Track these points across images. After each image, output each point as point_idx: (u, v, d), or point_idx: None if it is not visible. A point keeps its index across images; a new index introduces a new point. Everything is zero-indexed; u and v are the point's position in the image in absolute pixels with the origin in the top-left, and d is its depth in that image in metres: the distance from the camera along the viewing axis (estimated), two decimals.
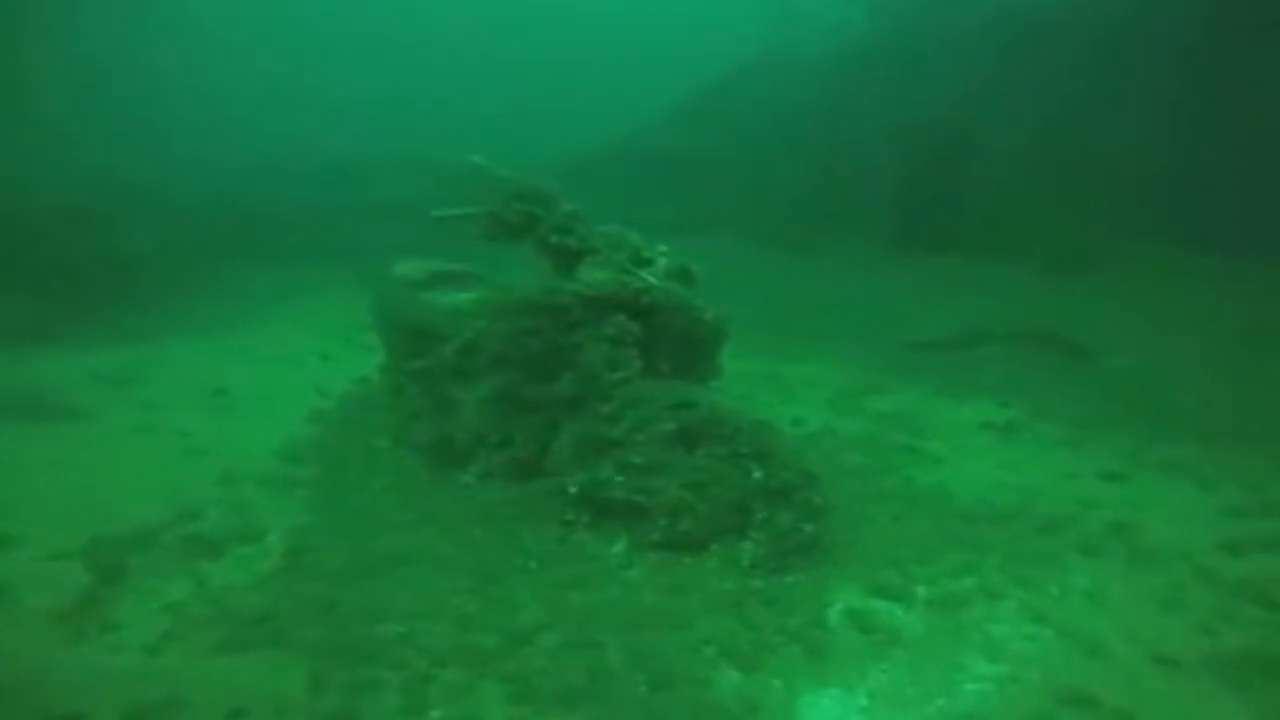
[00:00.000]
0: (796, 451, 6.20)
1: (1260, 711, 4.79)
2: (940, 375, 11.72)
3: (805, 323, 13.83)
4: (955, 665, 5.15)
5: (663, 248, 6.32)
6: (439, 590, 5.83)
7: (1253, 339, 11.33)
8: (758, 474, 5.98)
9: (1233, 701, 4.88)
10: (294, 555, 6.47)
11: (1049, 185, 13.89)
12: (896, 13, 18.27)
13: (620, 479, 6.06)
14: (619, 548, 6.09)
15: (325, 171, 23.04)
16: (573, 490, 6.23)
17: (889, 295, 14.78)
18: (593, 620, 5.44)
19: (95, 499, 7.45)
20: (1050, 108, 14.07)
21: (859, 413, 10.36)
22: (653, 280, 6.20)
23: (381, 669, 5.13)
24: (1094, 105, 13.57)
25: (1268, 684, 4.98)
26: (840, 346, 12.83)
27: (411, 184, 20.12)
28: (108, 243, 14.34)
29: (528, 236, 6.31)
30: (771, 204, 16.86)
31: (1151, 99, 13.51)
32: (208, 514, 7.20)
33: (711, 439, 6.11)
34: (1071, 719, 4.72)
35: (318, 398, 10.41)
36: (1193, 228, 12.62)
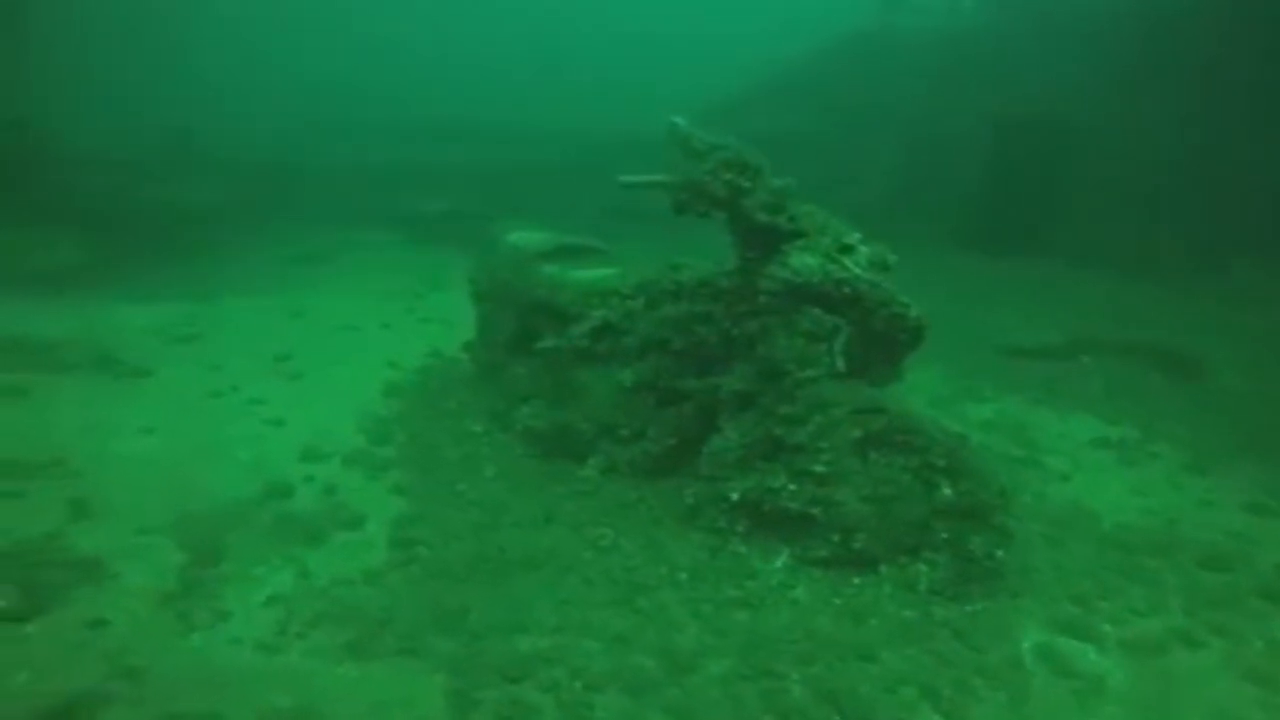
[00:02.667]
0: (993, 469, 5.58)
1: None
2: (1038, 385, 11.06)
3: None
4: None
5: (856, 234, 5.65)
6: (581, 600, 5.22)
7: None
8: (947, 491, 5.35)
9: None
10: (403, 548, 5.85)
11: (1161, 190, 13.14)
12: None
13: (793, 487, 5.44)
14: (780, 563, 5.47)
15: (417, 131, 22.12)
16: (734, 496, 5.60)
17: (981, 298, 14.10)
18: (763, 646, 4.83)
19: (178, 469, 6.84)
20: (1168, 107, 13.28)
21: (960, 419, 9.73)
22: (858, 270, 5.54)
23: (531, 691, 4.53)
24: (1218, 107, 12.79)
25: None
26: (930, 348, 12.16)
27: (484, 149, 19.38)
28: (157, 193, 13.63)
29: (728, 211, 5.62)
30: (860, 192, 16.14)
31: (1253, 104, 12.71)
32: (297, 493, 6.60)
33: (898, 449, 5.48)
34: None
35: (389, 369, 9.78)
36: None
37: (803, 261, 5.54)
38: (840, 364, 5.79)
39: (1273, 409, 10.20)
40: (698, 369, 6.19)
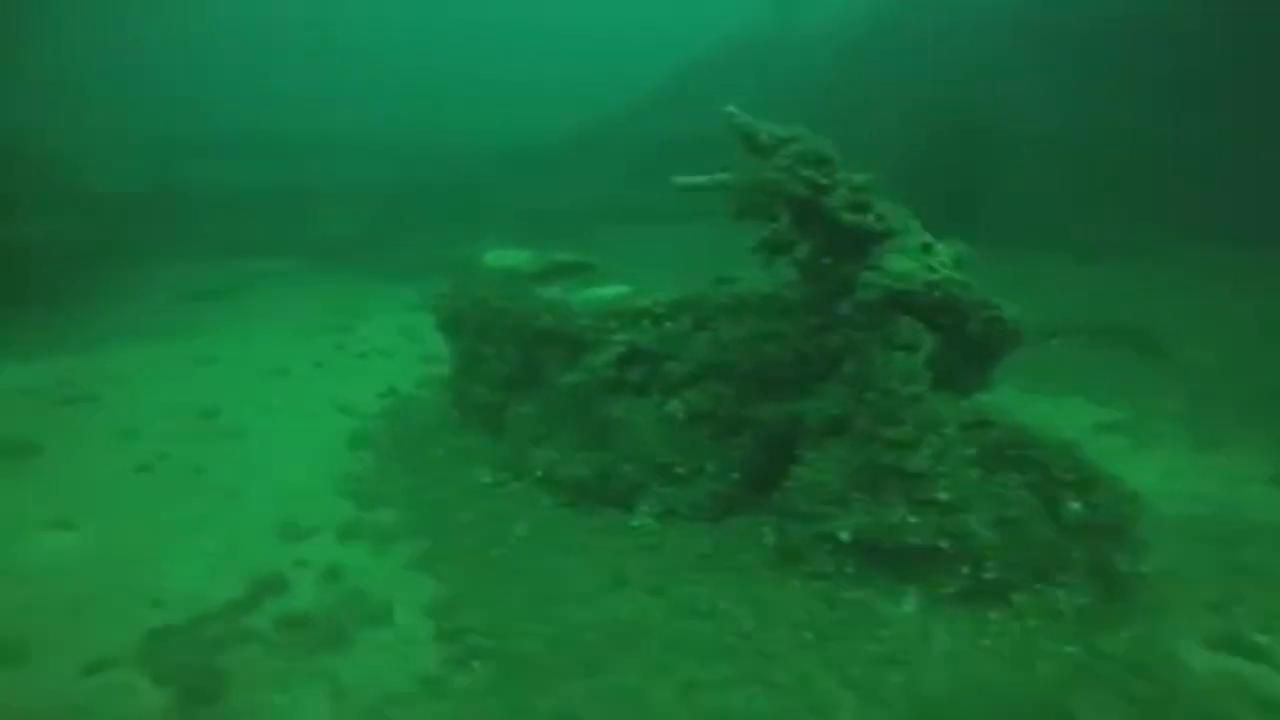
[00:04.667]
0: (1117, 476, 5.13)
1: None
2: (1021, 371, 11.00)
3: None
4: None
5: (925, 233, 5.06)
6: (705, 682, 4.30)
7: None
8: (1075, 505, 4.84)
9: None
10: (455, 641, 4.72)
11: (1073, 174, 13.65)
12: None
13: (914, 520, 4.76)
14: (909, 606, 4.77)
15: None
16: (844, 536, 4.85)
17: None
18: (939, 714, 4.12)
19: (122, 572, 5.37)
20: (1074, 98, 13.86)
21: None
22: (950, 272, 4.95)
23: None
24: (1118, 94, 13.46)
25: None
26: None
27: (379, 166, 17.76)
28: (9, 232, 11.44)
29: (805, 212, 4.84)
30: None
31: (1180, 89, 13.29)
32: (293, 584, 5.30)
33: (1013, 464, 4.93)
34: None
35: (343, 416, 8.43)
36: (1221, 221, 12.70)
37: (902, 265, 4.90)
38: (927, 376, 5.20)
39: (1244, 380, 10.54)
40: (762, 393, 5.41)
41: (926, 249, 5.03)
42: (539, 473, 6.28)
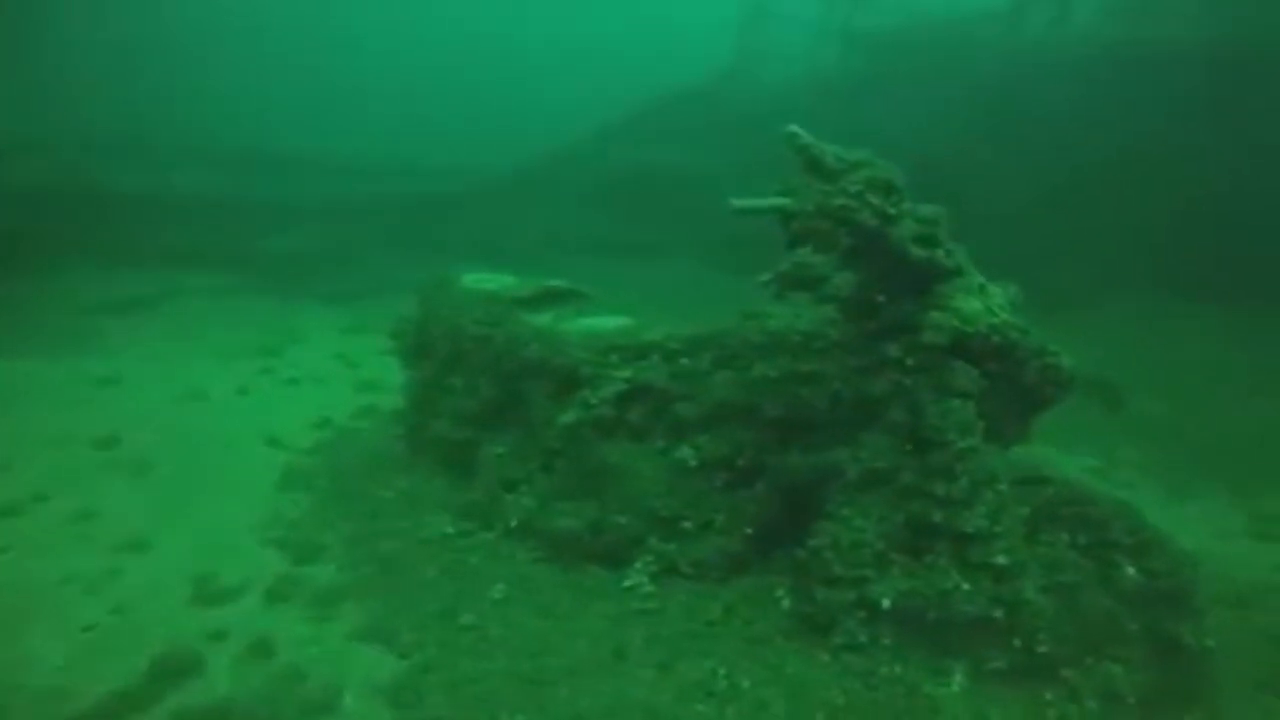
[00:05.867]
0: (1171, 538, 4.65)
1: None
2: None
3: None
4: None
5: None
6: None
7: (1266, 384, 11.41)
8: (1130, 571, 4.34)
9: None
10: None
11: (1030, 228, 13.83)
12: (874, 52, 17.94)
13: (967, 587, 4.15)
14: (956, 684, 4.14)
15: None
16: (885, 603, 4.20)
17: None
18: None
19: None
20: (1030, 154, 14.11)
21: None
22: (1008, 315, 4.46)
23: None
24: (1078, 152, 13.76)
25: None
26: None
27: (326, 183, 16.59)
28: None
29: (871, 244, 4.24)
30: (727, 229, 15.60)
31: (1134, 146, 13.65)
32: (208, 663, 4.29)
33: (1068, 525, 4.40)
34: None
35: (271, 449, 7.38)
36: (1176, 276, 12.98)
37: (971, 306, 4.38)
38: None
39: (1195, 431, 10.61)
40: (787, 440, 4.76)
41: (982, 289, 4.54)
42: (514, 522, 5.43)
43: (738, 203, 4.35)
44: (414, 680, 4.17)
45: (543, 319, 5.85)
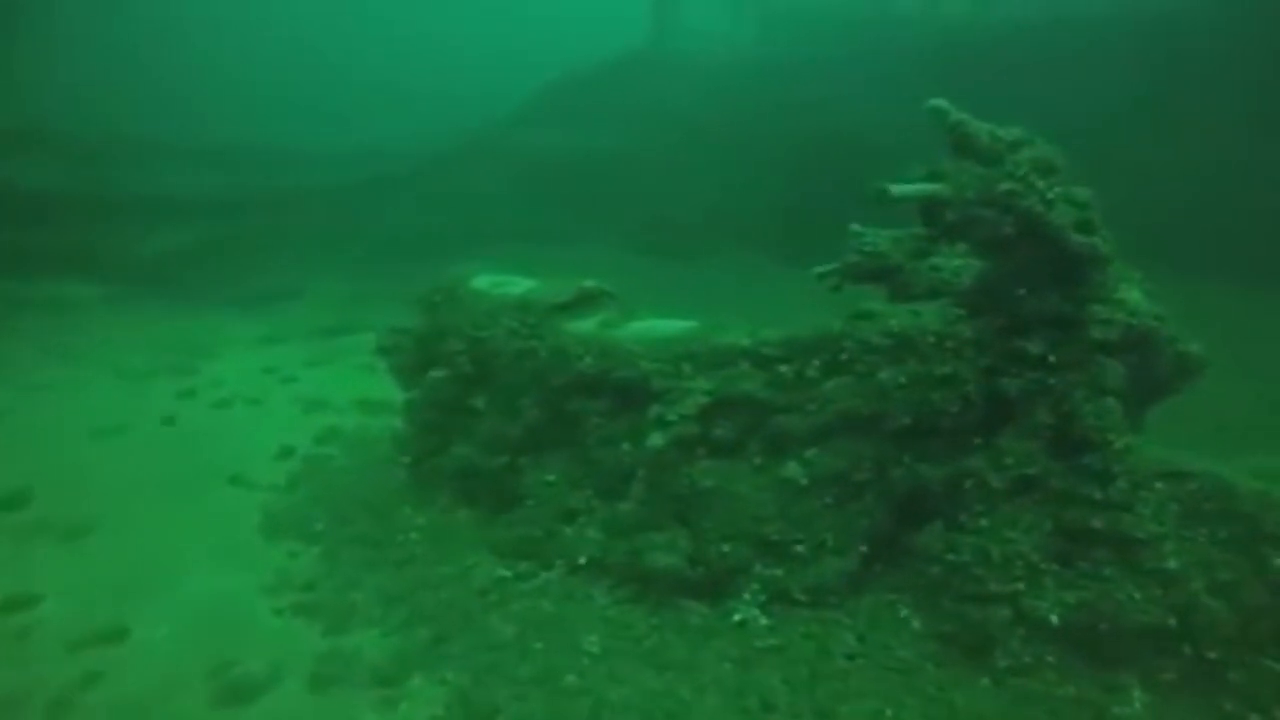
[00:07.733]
0: None
1: None
2: None
3: None
4: None
5: None
6: None
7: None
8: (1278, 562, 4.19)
9: None
10: None
11: None
12: (792, 31, 17.73)
13: (1139, 595, 3.84)
14: (1138, 701, 3.84)
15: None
16: (1054, 619, 3.83)
17: (795, 308, 13.74)
18: None
19: None
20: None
21: None
22: (1146, 304, 4.17)
23: None
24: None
25: None
26: None
27: (218, 174, 14.61)
28: None
29: (1031, 231, 3.77)
30: (680, 209, 15.06)
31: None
32: None
33: (1211, 519, 4.19)
34: None
35: (237, 489, 6.26)
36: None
37: (1133, 297, 4.07)
38: None
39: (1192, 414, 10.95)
40: (912, 449, 4.30)
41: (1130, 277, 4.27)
42: (582, 559, 4.71)
43: (895, 189, 3.84)
44: None
45: (586, 326, 5.12)
